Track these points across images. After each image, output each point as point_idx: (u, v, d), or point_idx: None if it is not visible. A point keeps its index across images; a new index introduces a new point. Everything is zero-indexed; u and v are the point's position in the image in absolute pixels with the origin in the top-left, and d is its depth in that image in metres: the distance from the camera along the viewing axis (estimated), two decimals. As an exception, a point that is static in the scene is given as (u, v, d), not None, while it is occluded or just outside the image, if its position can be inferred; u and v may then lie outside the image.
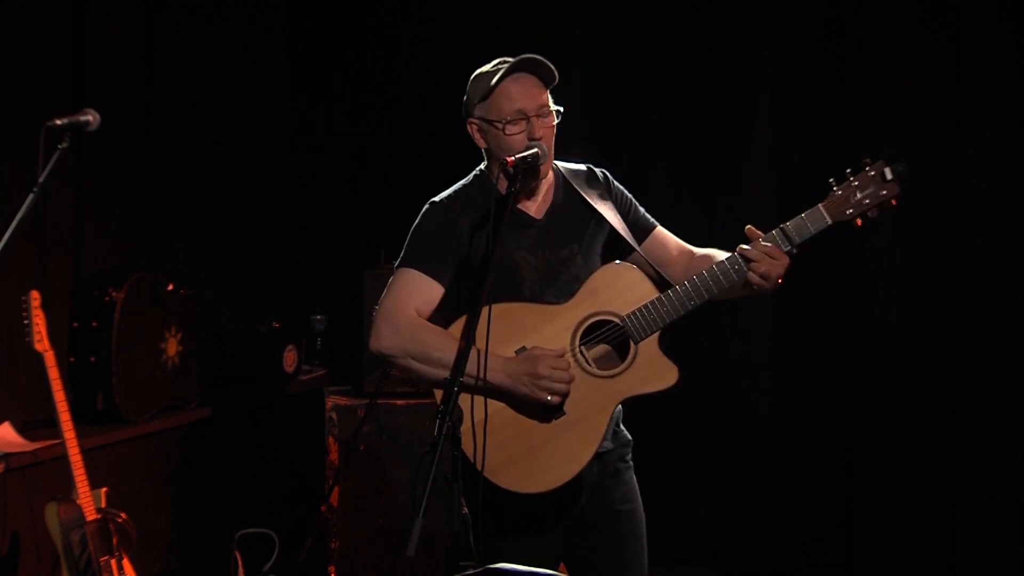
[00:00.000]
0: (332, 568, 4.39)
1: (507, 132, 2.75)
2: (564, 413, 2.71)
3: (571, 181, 2.89)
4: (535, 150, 2.71)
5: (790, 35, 4.96)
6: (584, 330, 2.74)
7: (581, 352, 2.74)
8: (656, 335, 2.71)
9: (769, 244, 2.69)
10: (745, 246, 2.70)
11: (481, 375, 2.65)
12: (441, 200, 2.88)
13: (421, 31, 5.43)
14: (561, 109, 2.81)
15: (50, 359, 3.57)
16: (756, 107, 4.95)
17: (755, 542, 4.97)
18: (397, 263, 2.85)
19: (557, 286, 2.80)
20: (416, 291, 2.79)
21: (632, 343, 2.71)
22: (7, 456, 3.72)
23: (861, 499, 4.90)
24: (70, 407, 3.60)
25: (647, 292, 2.72)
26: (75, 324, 4.23)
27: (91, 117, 2.76)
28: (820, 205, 2.70)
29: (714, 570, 5.08)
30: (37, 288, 3.65)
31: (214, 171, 5.28)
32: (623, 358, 2.73)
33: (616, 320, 2.72)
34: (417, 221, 2.88)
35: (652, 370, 2.71)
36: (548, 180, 2.87)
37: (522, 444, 2.71)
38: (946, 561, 4.84)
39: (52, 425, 3.65)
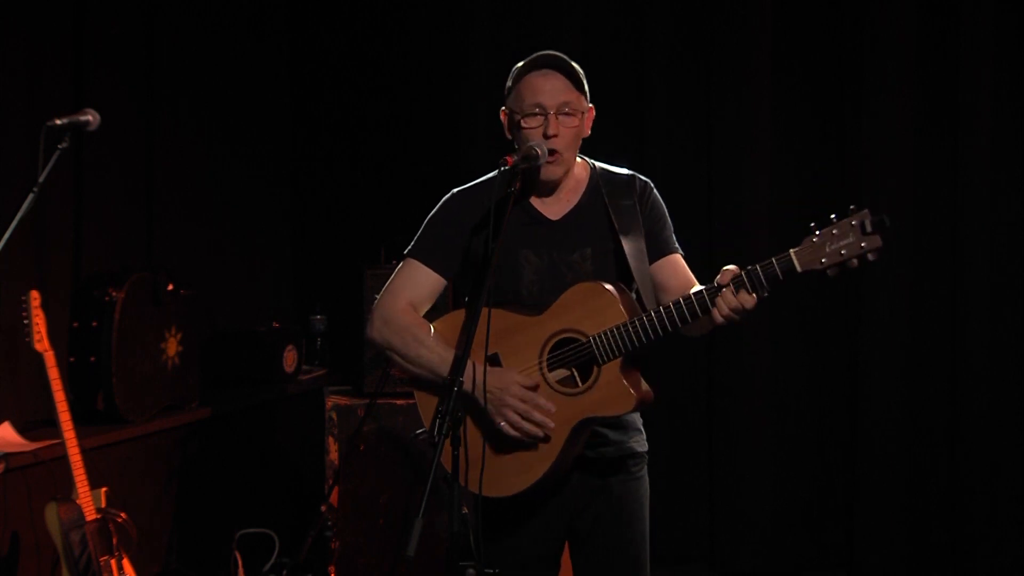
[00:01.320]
0: (332, 568, 4.39)
1: (523, 125, 2.76)
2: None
3: (604, 186, 2.85)
4: (534, 150, 2.71)
5: (790, 35, 4.97)
6: (553, 345, 2.73)
7: (547, 367, 2.73)
8: (619, 360, 2.67)
9: (739, 295, 2.56)
10: (715, 288, 2.59)
11: (442, 374, 2.71)
12: (460, 192, 2.89)
13: (421, 30, 5.43)
14: (589, 108, 2.81)
15: (50, 359, 3.57)
16: (756, 107, 4.95)
17: (755, 542, 4.97)
18: (407, 250, 2.89)
19: (558, 289, 2.78)
20: (414, 283, 2.84)
21: (595, 364, 2.69)
22: (7, 456, 3.72)
23: (861, 499, 4.90)
24: (70, 407, 3.60)
25: (616, 315, 2.67)
26: (75, 324, 4.22)
27: (91, 117, 2.77)
28: (792, 251, 2.54)
29: (714, 570, 5.08)
30: (37, 288, 3.64)
31: (214, 171, 5.28)
32: (585, 379, 2.71)
33: (583, 339, 2.70)
34: (434, 211, 2.90)
35: (610, 394, 2.68)
36: (574, 181, 2.85)
37: (484, 448, 2.72)
38: (946, 561, 4.84)
39: (52, 425, 3.65)
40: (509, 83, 2.83)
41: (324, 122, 5.71)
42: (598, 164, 2.91)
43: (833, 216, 2.51)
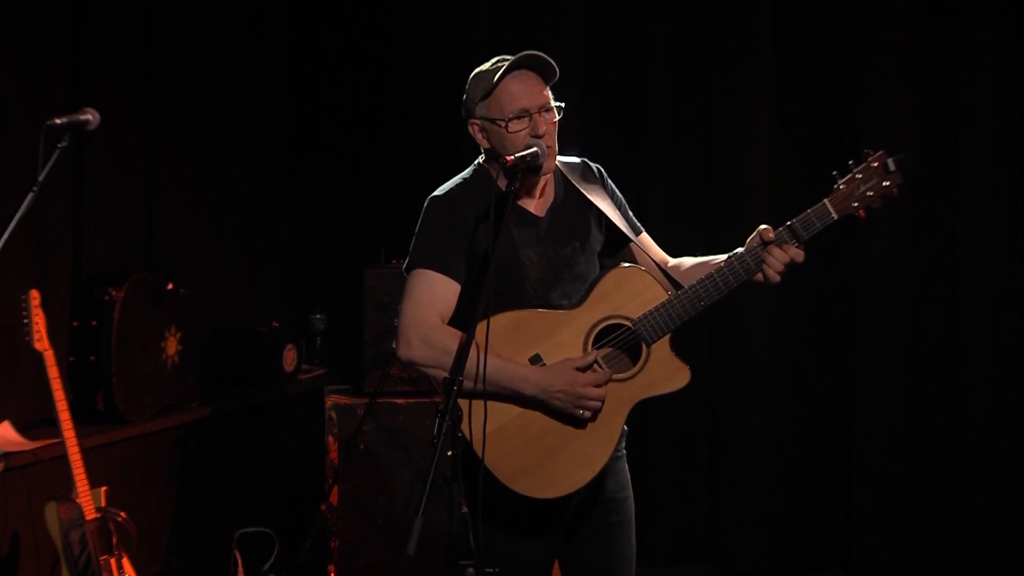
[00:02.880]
0: (332, 567, 4.39)
1: (510, 130, 2.75)
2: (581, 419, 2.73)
3: (569, 176, 2.89)
4: (535, 149, 2.71)
5: (790, 35, 4.96)
6: (596, 334, 2.74)
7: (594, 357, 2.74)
8: (667, 337, 2.73)
9: (788, 249, 2.68)
10: (761, 245, 2.69)
11: (498, 382, 2.66)
12: (443, 194, 2.86)
13: (421, 30, 5.43)
14: (563, 105, 2.80)
15: (50, 358, 3.57)
16: (756, 107, 4.95)
17: (755, 541, 4.97)
18: (408, 264, 2.81)
19: (561, 285, 2.80)
20: (437, 295, 2.76)
21: (644, 346, 2.72)
22: (7, 455, 3.72)
23: (861, 499, 4.90)
24: (70, 406, 3.61)
25: (657, 295, 2.73)
26: (75, 323, 4.23)
27: (91, 116, 2.76)
28: (826, 200, 2.69)
29: (714, 569, 5.08)
30: (37, 287, 3.65)
31: (214, 170, 5.28)
32: (635, 361, 2.74)
33: (628, 323, 2.72)
34: (422, 218, 2.85)
35: (664, 371, 2.74)
36: (548, 176, 2.87)
37: (538, 449, 2.72)
38: (946, 561, 4.84)
39: (52, 424, 3.65)
40: (480, 92, 2.79)
41: (324, 122, 5.71)
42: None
43: (851, 163, 2.68)
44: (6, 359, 4.16)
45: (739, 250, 2.72)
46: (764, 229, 2.70)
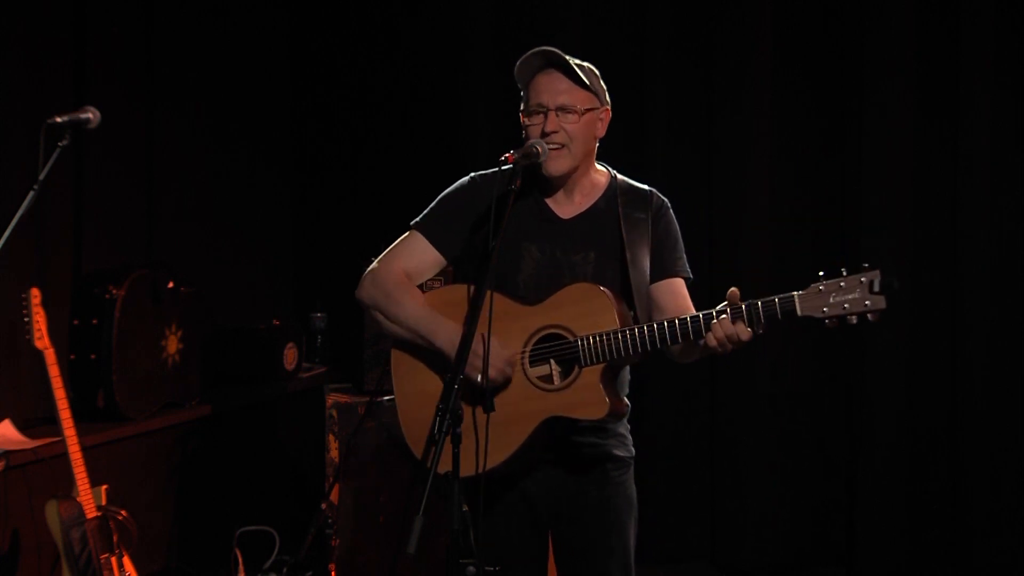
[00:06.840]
0: (332, 566, 4.39)
1: (526, 123, 2.81)
2: (494, 409, 2.66)
3: (620, 196, 2.86)
4: (535, 149, 2.72)
5: (790, 36, 4.97)
6: (539, 338, 2.73)
7: (529, 359, 2.73)
8: (602, 366, 2.68)
9: (736, 325, 2.57)
10: (711, 314, 2.59)
11: (415, 327, 2.76)
12: (479, 177, 2.92)
13: (421, 29, 5.43)
14: (593, 108, 2.82)
15: (50, 356, 3.57)
16: (756, 108, 4.95)
17: (756, 539, 4.97)
18: (413, 221, 2.93)
19: (554, 286, 2.78)
20: (413, 253, 2.89)
21: (577, 365, 2.69)
22: (8, 454, 3.73)
23: (862, 497, 4.90)
24: (70, 405, 3.61)
25: (608, 321, 2.68)
26: (75, 321, 4.23)
27: (91, 115, 2.76)
28: (796, 295, 2.56)
29: (716, 567, 5.09)
30: (37, 285, 3.65)
31: (214, 168, 5.28)
32: (565, 376, 2.72)
33: (569, 337, 2.70)
34: (450, 189, 2.93)
35: (585, 397, 2.68)
36: (590, 184, 2.87)
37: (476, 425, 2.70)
38: (946, 561, 4.84)
39: (52, 423, 3.66)
40: (520, 86, 2.86)
41: (324, 121, 5.71)
42: (620, 176, 2.92)
43: (843, 269, 2.53)
44: (7, 358, 4.16)
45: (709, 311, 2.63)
46: (732, 292, 2.60)
